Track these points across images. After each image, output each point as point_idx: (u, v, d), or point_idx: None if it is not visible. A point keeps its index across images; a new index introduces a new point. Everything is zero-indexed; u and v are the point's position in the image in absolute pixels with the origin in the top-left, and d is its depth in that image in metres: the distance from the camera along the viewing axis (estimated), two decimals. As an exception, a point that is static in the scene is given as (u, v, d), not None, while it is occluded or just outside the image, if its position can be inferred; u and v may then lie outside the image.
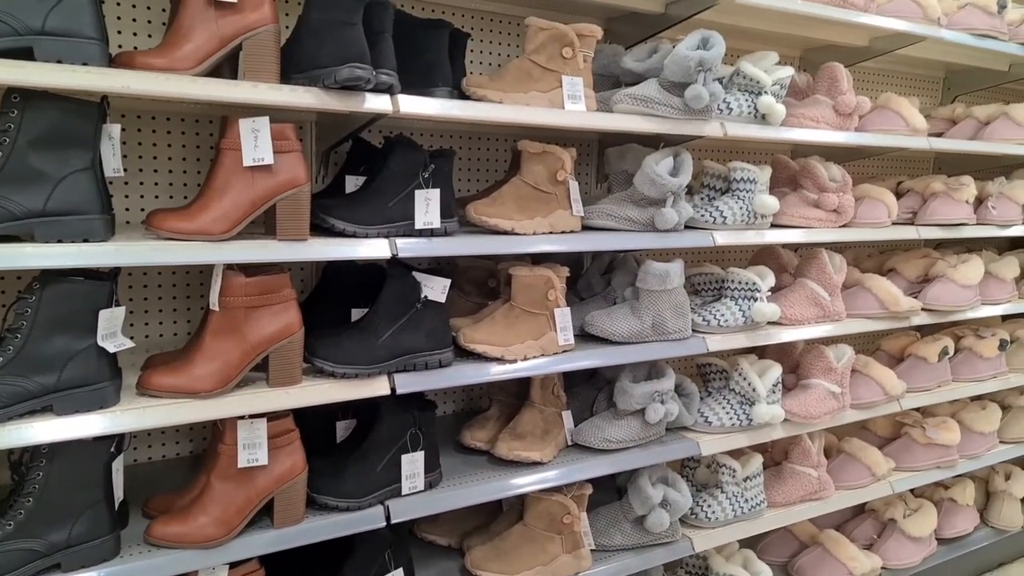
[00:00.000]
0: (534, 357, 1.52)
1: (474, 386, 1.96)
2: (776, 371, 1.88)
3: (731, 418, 1.84)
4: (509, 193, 1.51)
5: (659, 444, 1.75)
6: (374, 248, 1.36)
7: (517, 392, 1.72)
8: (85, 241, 1.14)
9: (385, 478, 1.42)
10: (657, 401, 1.69)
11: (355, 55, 1.26)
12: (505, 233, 1.48)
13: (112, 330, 1.19)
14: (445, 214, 1.43)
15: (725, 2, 1.59)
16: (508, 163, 1.85)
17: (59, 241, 1.13)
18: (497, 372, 1.47)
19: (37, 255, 1.09)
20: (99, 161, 1.17)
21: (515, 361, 1.49)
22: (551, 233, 1.54)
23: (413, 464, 1.42)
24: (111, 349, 1.18)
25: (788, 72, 1.73)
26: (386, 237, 1.39)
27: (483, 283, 1.70)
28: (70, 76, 1.08)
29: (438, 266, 1.78)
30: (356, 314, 1.52)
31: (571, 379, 1.83)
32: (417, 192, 1.41)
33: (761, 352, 2.09)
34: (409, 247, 1.38)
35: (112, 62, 1.15)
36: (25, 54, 1.06)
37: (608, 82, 1.74)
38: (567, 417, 1.69)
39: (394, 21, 1.34)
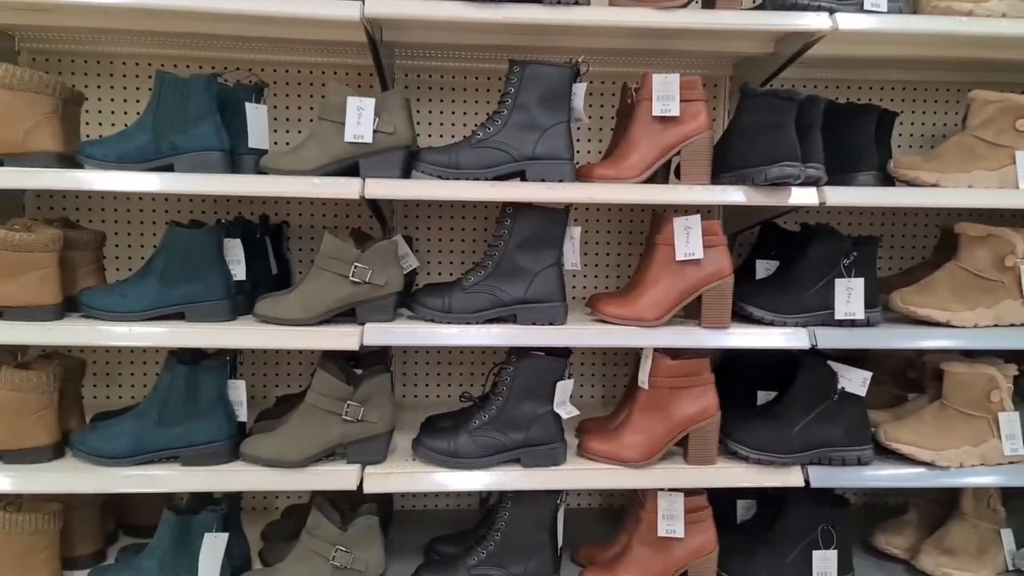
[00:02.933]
0: (972, 466, 1.44)
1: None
2: None
3: None
4: (943, 280, 1.48)
5: None
6: (792, 337, 1.46)
7: (940, 498, 1.63)
8: (551, 323, 1.46)
9: (795, 570, 1.48)
10: None
11: (786, 154, 1.40)
12: (938, 325, 1.46)
13: (564, 399, 1.49)
14: (868, 303, 1.47)
15: (834, 33, 1.39)
16: (936, 242, 1.80)
17: (532, 323, 1.47)
18: (925, 478, 1.43)
19: (517, 336, 1.43)
20: (562, 257, 1.50)
21: (948, 468, 1.43)
22: (996, 327, 1.46)
23: (825, 562, 1.46)
24: (563, 415, 1.48)
25: None
26: (804, 327, 1.48)
27: (901, 372, 1.67)
28: (551, 191, 1.42)
29: (852, 352, 1.80)
30: (762, 397, 1.63)
31: (1010, 491, 1.67)
32: (838, 281, 1.48)
33: None
34: (829, 338, 1.45)
35: (577, 173, 1.47)
36: (513, 175, 1.44)
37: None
38: (1007, 536, 1.54)
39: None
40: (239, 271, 1.45)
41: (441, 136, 1.81)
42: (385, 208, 1.68)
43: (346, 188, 1.36)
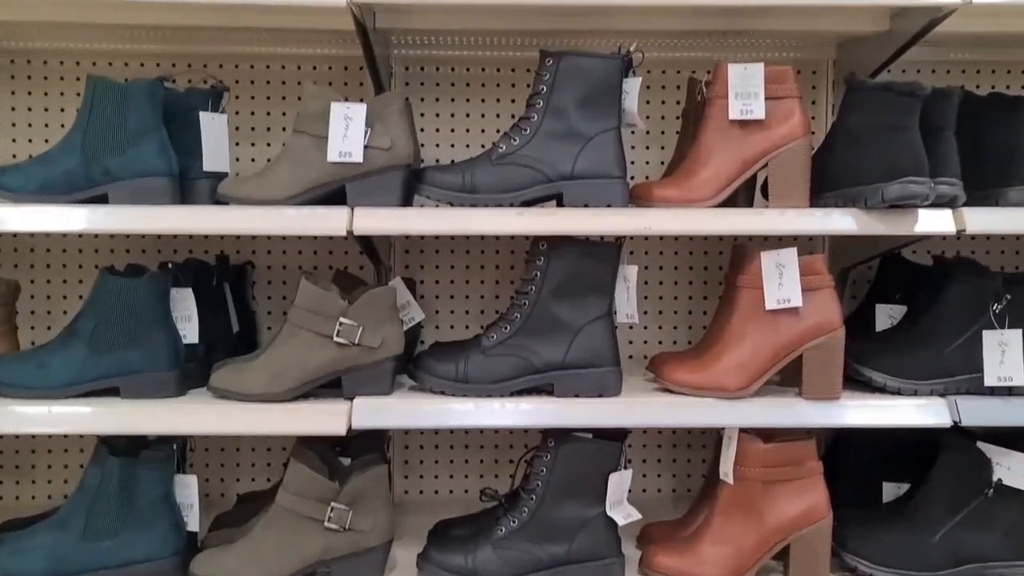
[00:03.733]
0: None
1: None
2: None
3: None
4: None
5: None
6: (927, 411, 1.41)
7: None
8: (600, 395, 1.44)
9: None
10: None
11: (908, 165, 1.37)
12: None
13: (620, 497, 1.46)
14: (1029, 364, 1.42)
15: (969, 6, 1.36)
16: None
17: (576, 395, 1.44)
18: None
19: (556, 413, 1.40)
20: (613, 307, 1.48)
21: None
22: None
23: None
24: (620, 520, 1.44)
25: None
26: (943, 396, 1.43)
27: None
28: (597, 220, 1.41)
29: (1010, 431, 1.74)
30: (889, 491, 1.58)
31: None
32: (986, 334, 1.44)
33: None
34: (977, 411, 1.40)
35: (632, 193, 1.46)
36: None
37: None
38: None
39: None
40: (190, 331, 1.45)
41: (452, 148, 1.83)
42: (380, 244, 1.69)
43: (329, 221, 1.36)
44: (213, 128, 1.47)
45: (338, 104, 1.39)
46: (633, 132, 1.80)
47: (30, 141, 1.78)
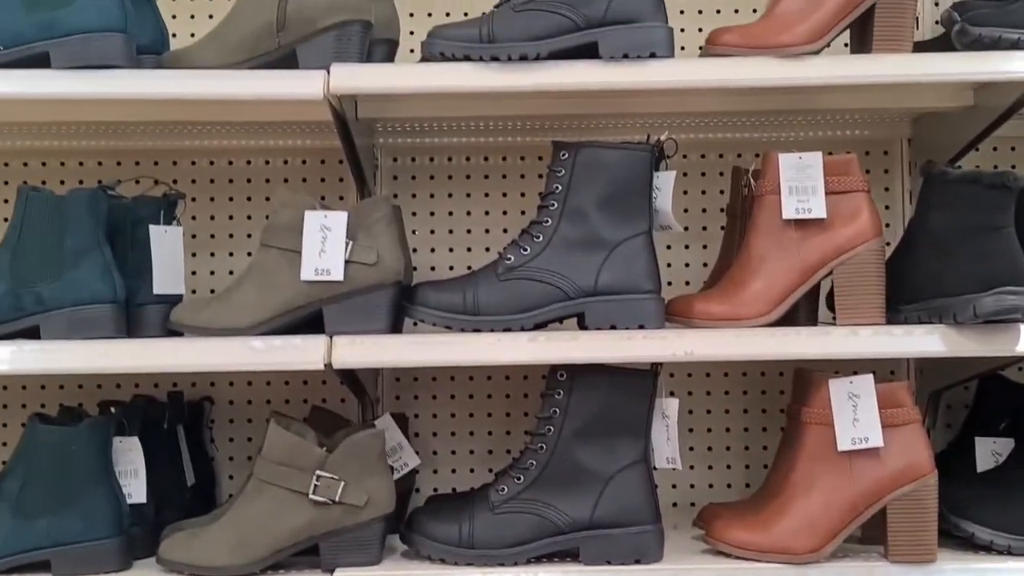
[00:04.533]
0: None
1: None
2: None
3: None
4: None
5: None
6: (1045, 575, 1.43)
7: None
8: (637, 561, 1.46)
9: None
10: None
11: (1003, 273, 1.42)
12: None
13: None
14: None
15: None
16: None
17: (607, 562, 1.47)
18: None
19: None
20: (649, 449, 1.52)
21: None
22: None
23: None
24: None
25: None
26: (1067, 559, 1.44)
27: None
28: (627, 345, 1.46)
29: None
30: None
31: None
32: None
33: None
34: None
35: (668, 309, 1.51)
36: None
37: None
38: None
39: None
40: (136, 489, 1.50)
41: (451, 252, 1.90)
42: (365, 374, 1.74)
43: (304, 354, 1.43)
44: (166, 244, 1.54)
45: (313, 212, 1.47)
46: (670, 243, 1.85)
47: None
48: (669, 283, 1.82)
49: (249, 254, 1.85)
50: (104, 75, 1.42)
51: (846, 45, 1.64)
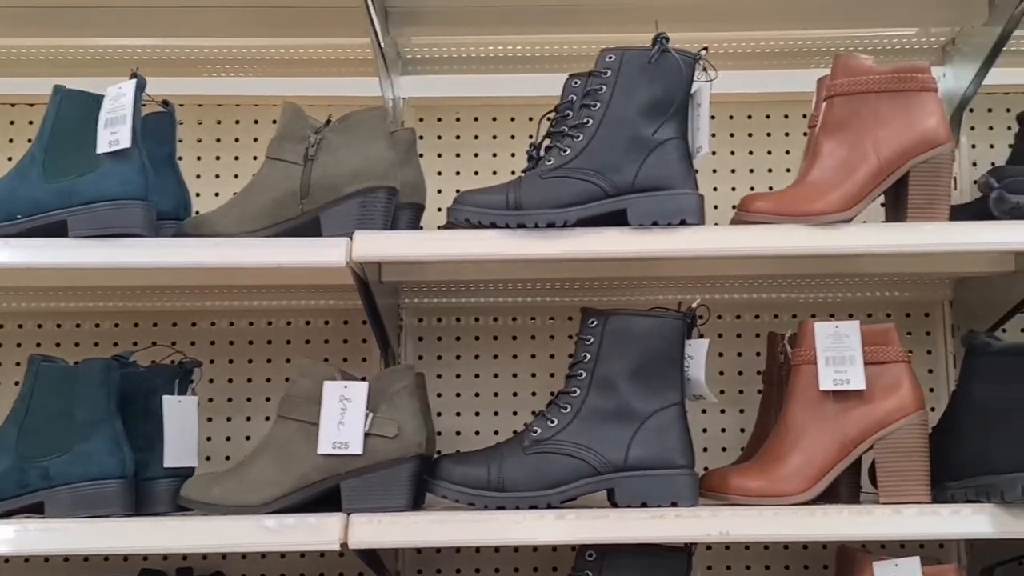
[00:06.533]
0: None
1: None
2: None
3: None
4: None
5: None
6: None
7: None
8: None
9: None
10: None
11: (1058, 450, 1.38)
12: None
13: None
14: None
15: None
16: None
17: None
18: None
19: None
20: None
21: None
22: None
23: None
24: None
25: None
26: None
27: None
28: (659, 525, 1.41)
29: None
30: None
31: None
32: None
33: None
34: None
35: (703, 484, 1.48)
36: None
37: None
38: None
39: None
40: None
41: (477, 417, 1.88)
42: (385, 551, 1.70)
43: (319, 534, 1.40)
44: (179, 415, 1.53)
45: (333, 383, 1.46)
46: (704, 407, 1.82)
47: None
48: (705, 449, 1.79)
49: (267, 418, 1.83)
50: (123, 244, 1.42)
51: (883, 205, 1.63)
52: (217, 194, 1.90)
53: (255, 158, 1.89)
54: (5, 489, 1.43)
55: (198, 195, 1.75)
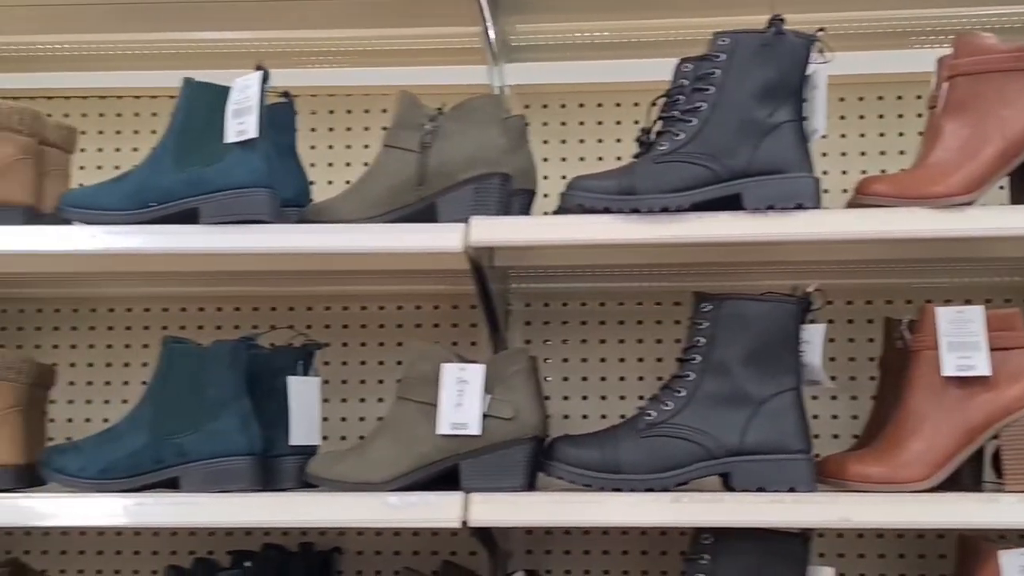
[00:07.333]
0: None
1: None
2: None
3: None
4: None
5: None
6: None
7: None
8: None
9: None
10: None
11: None
12: None
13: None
14: None
15: None
16: None
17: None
18: None
19: None
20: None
21: None
22: None
23: None
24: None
25: None
26: None
27: None
28: (774, 510, 1.41)
29: None
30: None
31: None
32: None
33: None
34: None
35: (820, 469, 1.47)
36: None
37: None
38: None
39: None
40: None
41: (584, 401, 1.89)
42: (497, 529, 1.72)
43: (440, 511, 1.43)
44: (303, 394, 1.57)
45: (450, 366, 1.48)
46: (816, 393, 1.81)
47: (87, 423, 1.95)
48: (816, 436, 1.76)
49: (380, 400, 1.88)
50: (251, 230, 1.47)
51: (1001, 187, 1.60)
52: (330, 182, 1.94)
53: (366, 147, 1.94)
54: (142, 464, 1.49)
55: (312, 183, 1.78)
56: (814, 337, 1.49)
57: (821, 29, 1.46)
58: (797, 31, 1.45)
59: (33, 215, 1.56)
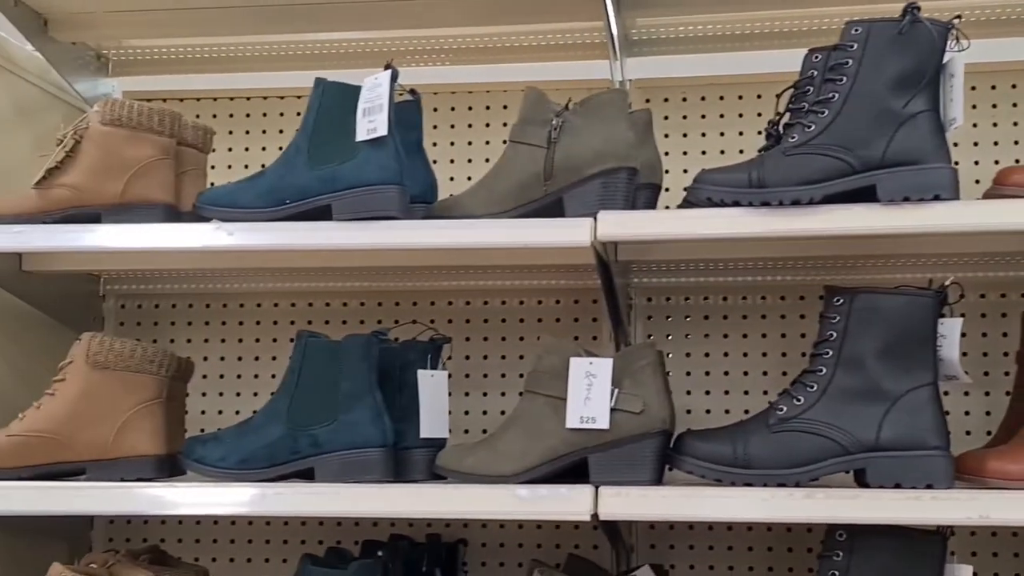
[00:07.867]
0: None
1: None
2: None
3: None
4: None
5: None
6: None
7: None
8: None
9: None
10: None
11: None
12: None
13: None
14: None
15: None
16: None
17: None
18: None
19: None
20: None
21: None
22: None
23: None
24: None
25: None
26: None
27: None
28: (911, 506, 1.38)
29: None
30: None
31: None
32: None
33: None
34: None
35: (958, 466, 1.44)
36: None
37: None
38: None
39: None
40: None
41: (707, 395, 1.89)
42: (621, 523, 1.73)
43: (570, 504, 1.43)
44: (432, 388, 1.60)
45: (578, 359, 1.49)
46: (947, 389, 1.76)
47: (219, 413, 2.01)
48: (947, 433, 1.73)
49: (502, 394, 1.90)
50: (384, 226, 1.50)
51: None
52: (452, 178, 1.96)
53: (487, 143, 1.96)
54: (279, 455, 1.53)
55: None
56: (951, 331, 1.45)
57: (958, 16, 1.42)
58: (933, 19, 1.41)
59: (172, 213, 1.61)
